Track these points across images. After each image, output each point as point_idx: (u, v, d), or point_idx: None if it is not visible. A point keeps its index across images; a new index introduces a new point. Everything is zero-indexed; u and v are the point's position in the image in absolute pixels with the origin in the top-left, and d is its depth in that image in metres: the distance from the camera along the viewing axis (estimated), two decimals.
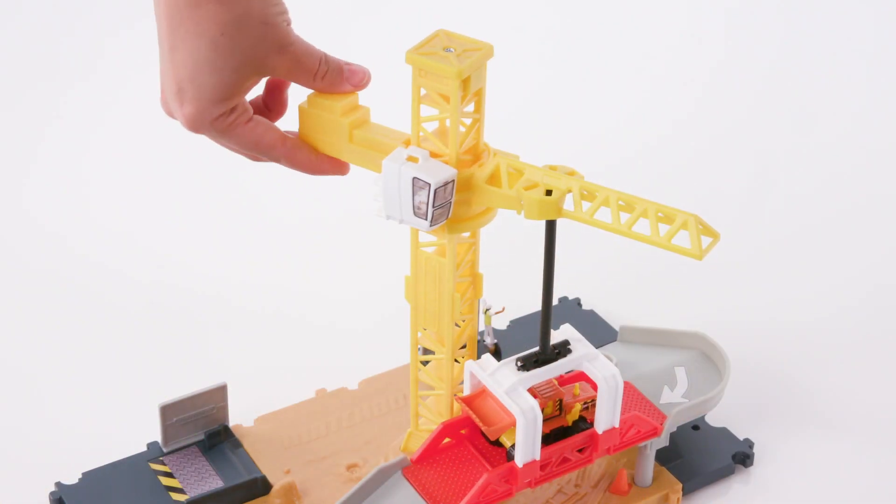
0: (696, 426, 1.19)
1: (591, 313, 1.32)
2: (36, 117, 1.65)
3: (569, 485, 1.14)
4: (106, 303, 1.36)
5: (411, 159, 0.97)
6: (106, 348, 1.30)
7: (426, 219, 0.97)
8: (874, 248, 1.45)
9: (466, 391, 1.06)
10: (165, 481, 1.13)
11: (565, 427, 1.06)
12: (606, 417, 1.05)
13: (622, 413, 1.07)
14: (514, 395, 1.02)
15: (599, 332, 1.29)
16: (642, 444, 1.11)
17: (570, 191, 0.97)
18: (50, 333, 1.32)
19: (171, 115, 1.00)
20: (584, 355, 1.05)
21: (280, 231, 1.46)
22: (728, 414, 1.21)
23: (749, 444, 1.18)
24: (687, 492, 1.15)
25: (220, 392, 1.15)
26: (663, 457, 1.15)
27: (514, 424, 1.02)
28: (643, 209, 0.95)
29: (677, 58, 1.77)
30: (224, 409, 1.16)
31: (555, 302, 1.33)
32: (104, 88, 1.71)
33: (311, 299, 1.37)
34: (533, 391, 1.04)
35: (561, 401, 1.05)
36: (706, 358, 1.18)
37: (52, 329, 1.33)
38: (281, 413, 1.20)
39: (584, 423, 1.07)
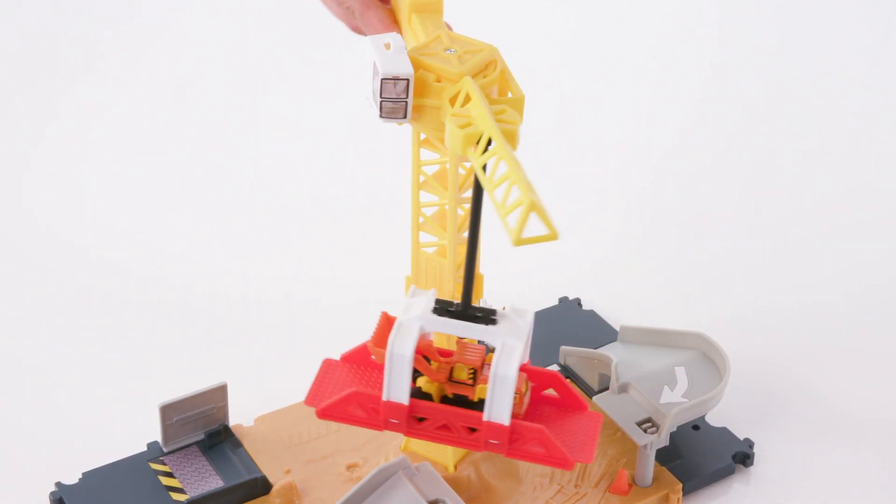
0: (697, 426, 1.19)
1: (592, 313, 1.32)
2: (36, 115, 1.65)
3: (569, 485, 1.14)
4: (106, 302, 1.36)
5: (386, 45, 0.94)
6: (106, 348, 1.30)
7: (377, 107, 0.94)
8: (875, 249, 1.45)
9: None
10: (165, 481, 1.13)
11: (468, 400, 0.99)
12: (495, 410, 0.97)
13: (558, 429, 1.01)
14: (401, 330, 0.97)
15: (600, 332, 1.29)
16: (642, 443, 1.11)
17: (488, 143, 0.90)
18: (50, 333, 1.32)
19: None
20: (502, 333, 0.97)
21: (280, 231, 1.46)
22: (728, 414, 1.21)
23: (749, 443, 1.18)
24: (687, 492, 1.15)
25: (220, 392, 1.15)
26: (664, 457, 1.15)
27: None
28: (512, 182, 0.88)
29: (679, 58, 1.77)
30: (224, 408, 1.16)
31: (555, 302, 1.33)
32: (104, 86, 1.71)
33: (311, 299, 1.37)
34: (461, 347, 0.99)
35: (476, 371, 0.99)
36: (706, 358, 1.18)
37: (52, 329, 1.33)
38: (281, 413, 1.20)
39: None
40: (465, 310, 0.97)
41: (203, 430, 1.16)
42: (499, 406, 0.97)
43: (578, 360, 1.23)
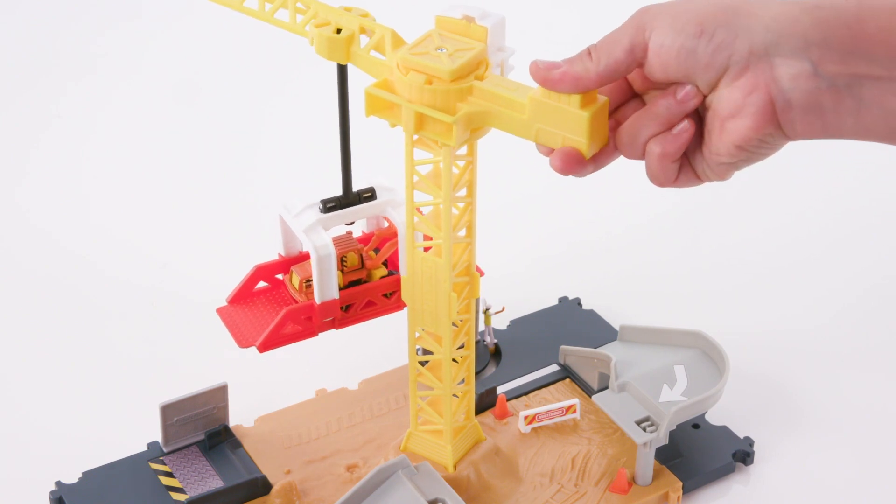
0: (697, 424, 1.19)
1: (591, 313, 1.32)
2: (33, 118, 1.66)
3: (569, 483, 1.14)
4: (106, 302, 1.36)
5: None
6: (106, 348, 1.31)
7: None
8: (876, 249, 1.45)
9: (280, 238, 1.13)
10: (165, 481, 1.14)
11: (364, 280, 1.11)
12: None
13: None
14: (312, 233, 1.06)
15: (599, 331, 1.29)
16: (642, 441, 1.10)
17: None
18: (50, 333, 1.33)
19: None
20: (387, 201, 1.09)
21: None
22: (728, 412, 1.21)
23: (749, 442, 1.18)
24: (687, 490, 1.15)
25: (221, 392, 1.16)
26: (663, 455, 1.15)
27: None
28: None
29: None
30: (224, 409, 1.17)
31: (555, 302, 1.34)
32: (101, 88, 1.72)
33: None
34: (338, 242, 1.09)
35: (362, 255, 1.10)
36: (705, 356, 1.18)
37: (53, 329, 1.33)
38: (281, 413, 1.21)
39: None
40: (350, 197, 1.08)
41: (203, 430, 1.16)
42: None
43: (578, 360, 1.23)
